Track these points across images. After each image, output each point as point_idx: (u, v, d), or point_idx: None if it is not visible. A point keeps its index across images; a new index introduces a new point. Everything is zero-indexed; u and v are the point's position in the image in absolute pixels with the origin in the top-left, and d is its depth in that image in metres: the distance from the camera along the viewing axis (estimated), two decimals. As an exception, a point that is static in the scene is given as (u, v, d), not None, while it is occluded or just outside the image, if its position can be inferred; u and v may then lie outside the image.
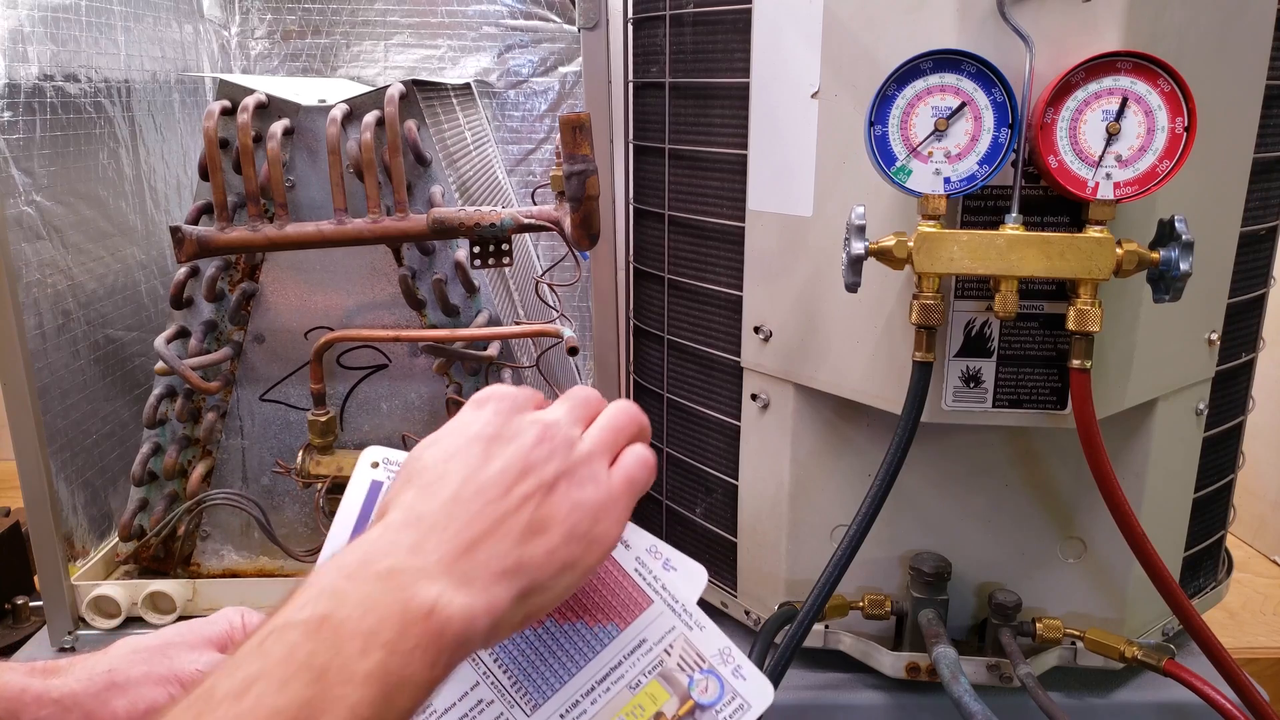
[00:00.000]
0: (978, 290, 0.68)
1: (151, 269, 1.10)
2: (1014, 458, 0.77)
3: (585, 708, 0.45)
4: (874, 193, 0.68)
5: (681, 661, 0.45)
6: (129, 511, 0.94)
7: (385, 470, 0.46)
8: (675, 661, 0.45)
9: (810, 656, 0.85)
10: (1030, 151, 0.64)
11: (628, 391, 1.01)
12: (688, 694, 0.45)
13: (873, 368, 0.73)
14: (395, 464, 0.47)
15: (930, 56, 0.62)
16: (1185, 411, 0.80)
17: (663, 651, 0.45)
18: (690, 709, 0.45)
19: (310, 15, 1.35)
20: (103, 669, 0.47)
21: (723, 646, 0.45)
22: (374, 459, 0.47)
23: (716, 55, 0.79)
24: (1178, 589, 0.70)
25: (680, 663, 0.45)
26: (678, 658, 0.45)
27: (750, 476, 0.85)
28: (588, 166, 0.74)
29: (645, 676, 0.45)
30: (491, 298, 0.91)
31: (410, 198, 0.87)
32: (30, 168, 0.89)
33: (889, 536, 0.79)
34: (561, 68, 1.38)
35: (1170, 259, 0.63)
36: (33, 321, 0.88)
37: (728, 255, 0.82)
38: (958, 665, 0.70)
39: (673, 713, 0.45)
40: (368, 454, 0.47)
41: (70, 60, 0.95)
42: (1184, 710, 0.80)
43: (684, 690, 0.45)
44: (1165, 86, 0.61)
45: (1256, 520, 1.31)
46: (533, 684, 0.45)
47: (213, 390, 0.91)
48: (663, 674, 0.45)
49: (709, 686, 0.45)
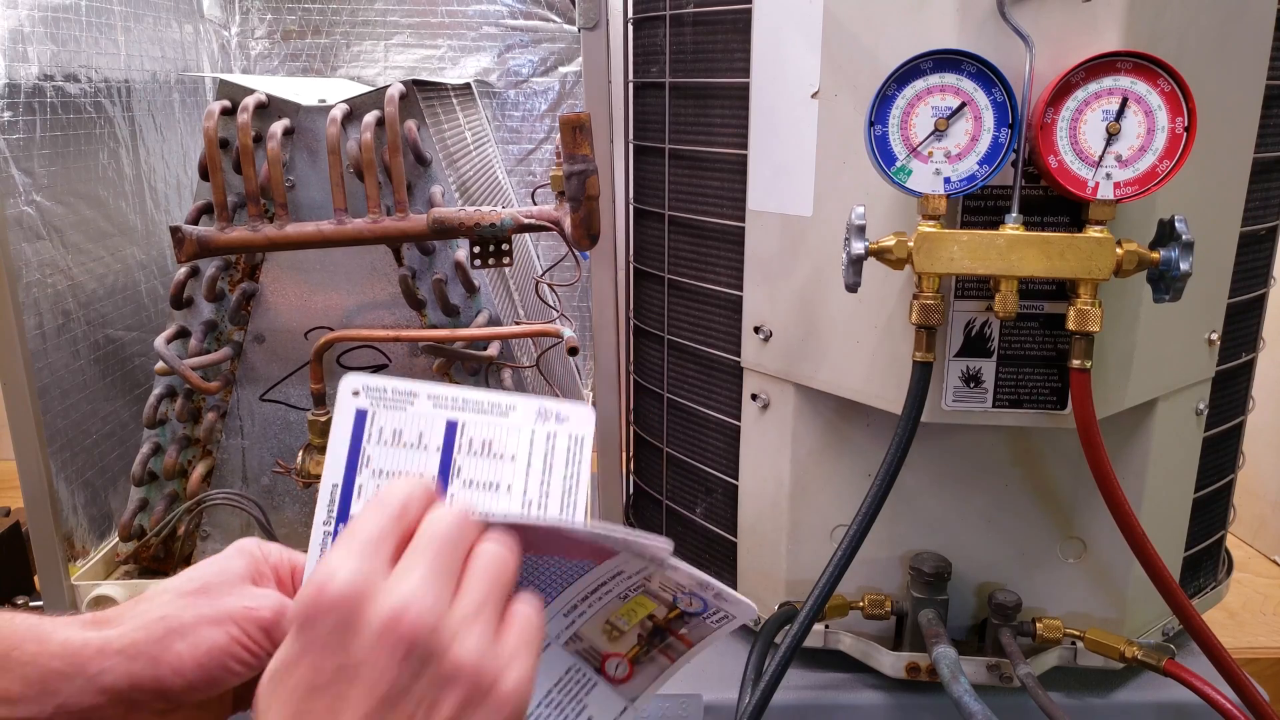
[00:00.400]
0: (978, 290, 0.68)
1: (151, 269, 1.10)
2: (1014, 458, 0.77)
3: (583, 610, 0.47)
4: (874, 193, 0.68)
5: (662, 586, 0.46)
6: (129, 511, 0.94)
7: (367, 397, 0.46)
8: (656, 586, 0.46)
9: (810, 656, 0.85)
10: (1030, 151, 0.64)
11: (628, 391, 1.01)
12: (674, 605, 0.46)
13: (873, 368, 0.73)
14: (376, 389, 0.46)
15: (930, 56, 0.62)
16: (1185, 411, 0.80)
17: (642, 579, 0.46)
18: (678, 614, 0.46)
19: (310, 15, 1.35)
20: (156, 616, 0.46)
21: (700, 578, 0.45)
22: (354, 387, 0.46)
23: (716, 55, 0.79)
24: (1178, 589, 0.70)
25: (661, 587, 0.46)
26: (658, 583, 0.46)
27: (750, 476, 0.85)
28: (588, 166, 0.74)
29: (632, 592, 0.46)
30: (491, 298, 0.91)
31: (410, 198, 0.87)
32: (30, 168, 0.89)
33: (889, 536, 0.79)
34: (561, 68, 1.38)
35: (1170, 259, 0.63)
36: (33, 321, 0.88)
37: (728, 255, 0.82)
38: (958, 665, 0.70)
39: (662, 616, 0.47)
40: (347, 382, 0.47)
41: (70, 60, 0.95)
42: (1184, 710, 0.80)
43: (669, 602, 0.46)
44: (1165, 86, 0.61)
45: (1256, 520, 1.31)
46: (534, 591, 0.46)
47: (213, 390, 0.91)
48: (646, 591, 0.47)
49: (693, 601, 0.46)
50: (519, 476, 0.46)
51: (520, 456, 0.46)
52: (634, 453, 1.04)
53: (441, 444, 0.46)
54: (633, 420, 1.02)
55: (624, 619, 0.47)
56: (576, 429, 0.46)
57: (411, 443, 0.46)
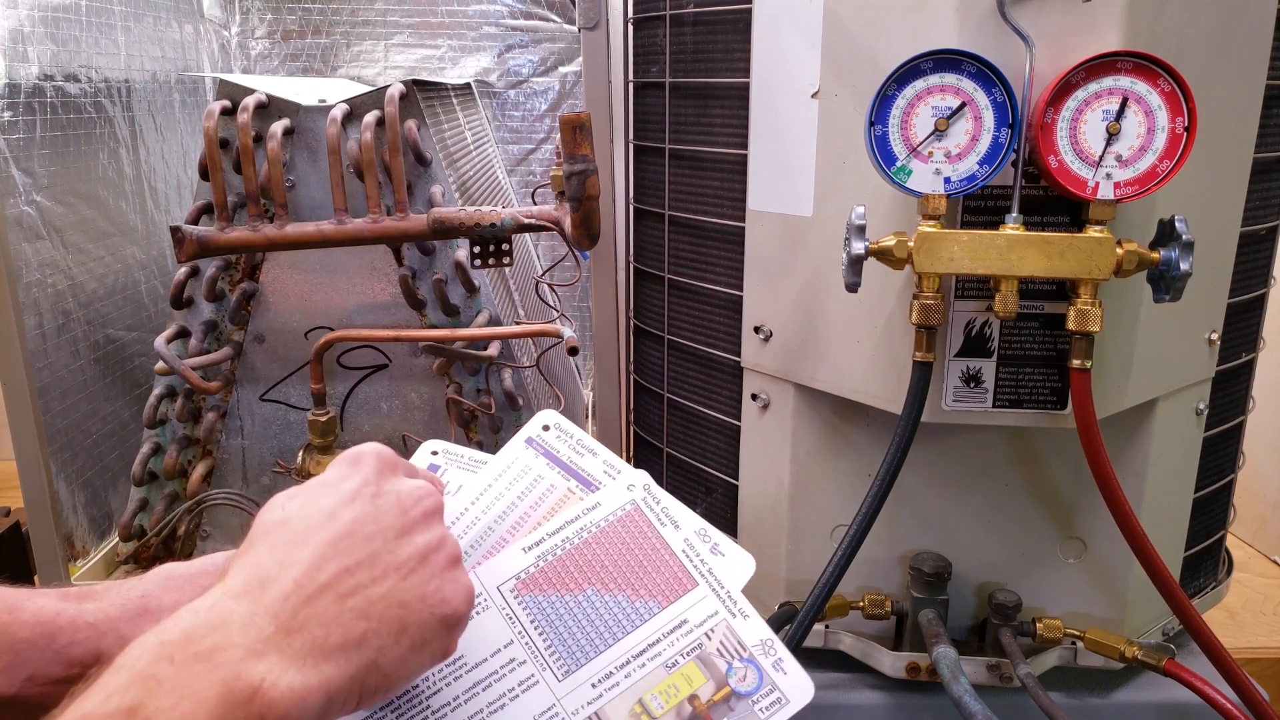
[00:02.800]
0: (978, 290, 0.68)
1: (151, 269, 1.10)
2: (1014, 458, 0.77)
3: (619, 680, 0.44)
4: (874, 193, 0.68)
5: (722, 647, 0.44)
6: (129, 511, 0.94)
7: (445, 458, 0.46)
8: (715, 646, 0.44)
9: (810, 656, 0.85)
10: (1030, 151, 0.64)
11: (628, 391, 1.01)
12: (725, 680, 0.44)
13: (873, 368, 0.73)
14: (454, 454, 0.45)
15: (930, 56, 0.62)
16: (1185, 411, 0.80)
17: (703, 634, 0.44)
18: (726, 695, 0.43)
19: (310, 15, 1.35)
20: (136, 594, 0.46)
21: (765, 637, 0.44)
22: (434, 449, 0.46)
23: (716, 55, 0.79)
24: (1178, 589, 0.70)
25: (721, 648, 0.44)
26: (718, 642, 0.44)
27: (750, 476, 0.85)
28: (588, 166, 0.74)
29: (683, 657, 0.44)
30: (491, 298, 0.91)
31: (410, 198, 0.87)
32: (30, 168, 0.89)
33: (889, 536, 0.79)
34: (561, 68, 1.38)
35: (1170, 259, 0.63)
36: (33, 321, 0.88)
37: (728, 255, 0.82)
38: (958, 665, 0.70)
39: (707, 697, 0.44)
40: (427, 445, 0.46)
41: (70, 60, 0.95)
42: (1184, 710, 0.80)
43: (721, 676, 0.44)
44: (1165, 86, 0.61)
45: (1256, 520, 1.31)
46: (567, 649, 0.44)
47: (213, 390, 0.91)
48: (701, 657, 0.44)
49: (748, 675, 0.44)
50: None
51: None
52: (634, 453, 1.04)
53: None
54: (633, 420, 1.02)
55: (660, 698, 0.43)
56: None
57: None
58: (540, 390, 1.00)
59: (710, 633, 0.44)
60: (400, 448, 0.93)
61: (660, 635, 0.44)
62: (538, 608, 0.45)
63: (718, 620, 0.44)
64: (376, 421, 0.93)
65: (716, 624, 0.44)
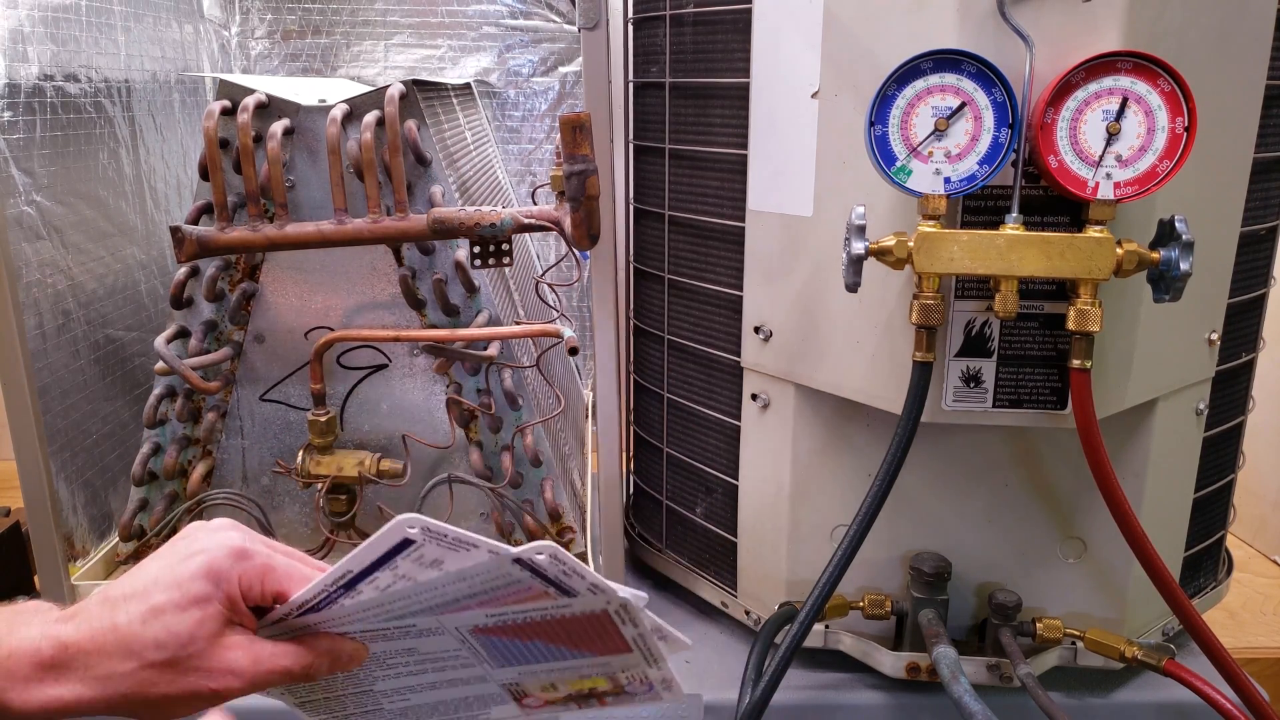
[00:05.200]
0: (978, 290, 0.68)
1: (151, 269, 1.10)
2: (1014, 458, 0.77)
3: (540, 674, 0.52)
4: (874, 193, 0.68)
5: (630, 678, 0.52)
6: (129, 511, 0.94)
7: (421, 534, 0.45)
8: (627, 676, 0.52)
9: (810, 656, 0.85)
10: (1030, 151, 0.64)
11: (628, 391, 1.01)
12: (623, 688, 0.53)
13: (873, 368, 0.73)
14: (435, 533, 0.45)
15: (930, 56, 0.62)
16: (1185, 411, 0.80)
17: (621, 671, 0.52)
18: (620, 691, 0.53)
19: (310, 15, 1.35)
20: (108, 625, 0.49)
21: (668, 676, 0.52)
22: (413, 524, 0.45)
23: (716, 55, 0.79)
24: (1178, 589, 0.70)
25: (629, 678, 0.52)
26: (632, 675, 0.52)
27: (750, 476, 0.85)
28: (588, 166, 0.73)
29: (602, 675, 0.52)
30: (491, 298, 0.91)
31: (410, 198, 0.87)
32: (30, 168, 0.89)
33: (889, 536, 0.79)
34: (561, 68, 1.38)
35: (1170, 259, 0.63)
36: (33, 321, 0.88)
37: (728, 255, 0.82)
38: (958, 665, 0.70)
39: (603, 690, 0.53)
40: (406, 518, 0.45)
41: (70, 60, 0.95)
42: (1184, 710, 0.80)
43: (622, 685, 0.53)
44: (1165, 86, 0.61)
45: (1256, 520, 1.31)
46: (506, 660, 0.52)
47: (213, 390, 0.91)
48: (612, 678, 0.52)
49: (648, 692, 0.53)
50: None
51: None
52: (634, 453, 1.04)
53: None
54: (633, 420, 1.02)
55: (566, 685, 0.53)
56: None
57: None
58: (540, 390, 0.99)
59: (630, 673, 0.52)
60: (401, 447, 0.94)
61: (593, 665, 0.52)
62: (489, 641, 0.50)
63: (636, 668, 0.52)
64: (376, 421, 0.93)
65: (635, 669, 0.52)
